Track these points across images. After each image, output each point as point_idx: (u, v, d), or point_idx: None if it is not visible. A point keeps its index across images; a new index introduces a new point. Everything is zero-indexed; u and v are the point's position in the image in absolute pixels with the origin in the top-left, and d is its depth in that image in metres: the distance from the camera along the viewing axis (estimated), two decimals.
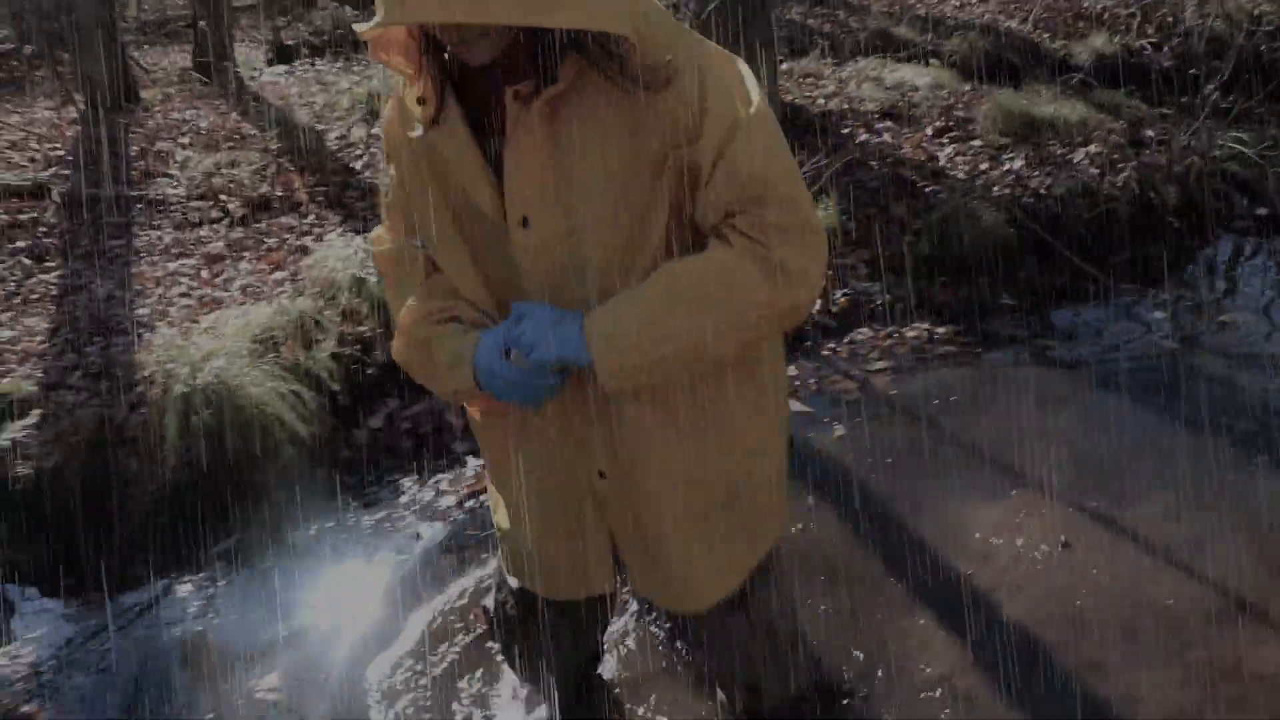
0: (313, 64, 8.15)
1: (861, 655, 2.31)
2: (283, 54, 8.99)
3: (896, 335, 3.87)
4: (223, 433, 3.11)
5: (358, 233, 4.21)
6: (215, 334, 3.35)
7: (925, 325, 3.93)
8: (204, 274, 4.20)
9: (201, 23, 7.07)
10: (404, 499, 3.13)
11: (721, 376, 1.45)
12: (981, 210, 4.30)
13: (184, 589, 2.83)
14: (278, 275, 4.05)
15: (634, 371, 1.34)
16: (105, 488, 3.07)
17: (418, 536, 2.95)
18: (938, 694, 2.20)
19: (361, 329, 3.54)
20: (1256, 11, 6.22)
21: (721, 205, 1.31)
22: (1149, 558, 2.58)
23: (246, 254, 4.34)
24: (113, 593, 2.81)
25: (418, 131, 1.38)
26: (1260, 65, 5.68)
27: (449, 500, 3.10)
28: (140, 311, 3.85)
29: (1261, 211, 4.67)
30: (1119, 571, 2.51)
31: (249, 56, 9.15)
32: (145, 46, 10.02)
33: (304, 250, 4.24)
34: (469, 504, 3.07)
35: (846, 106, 5.53)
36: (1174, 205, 4.54)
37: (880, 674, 2.26)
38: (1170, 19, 6.40)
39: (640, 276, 1.35)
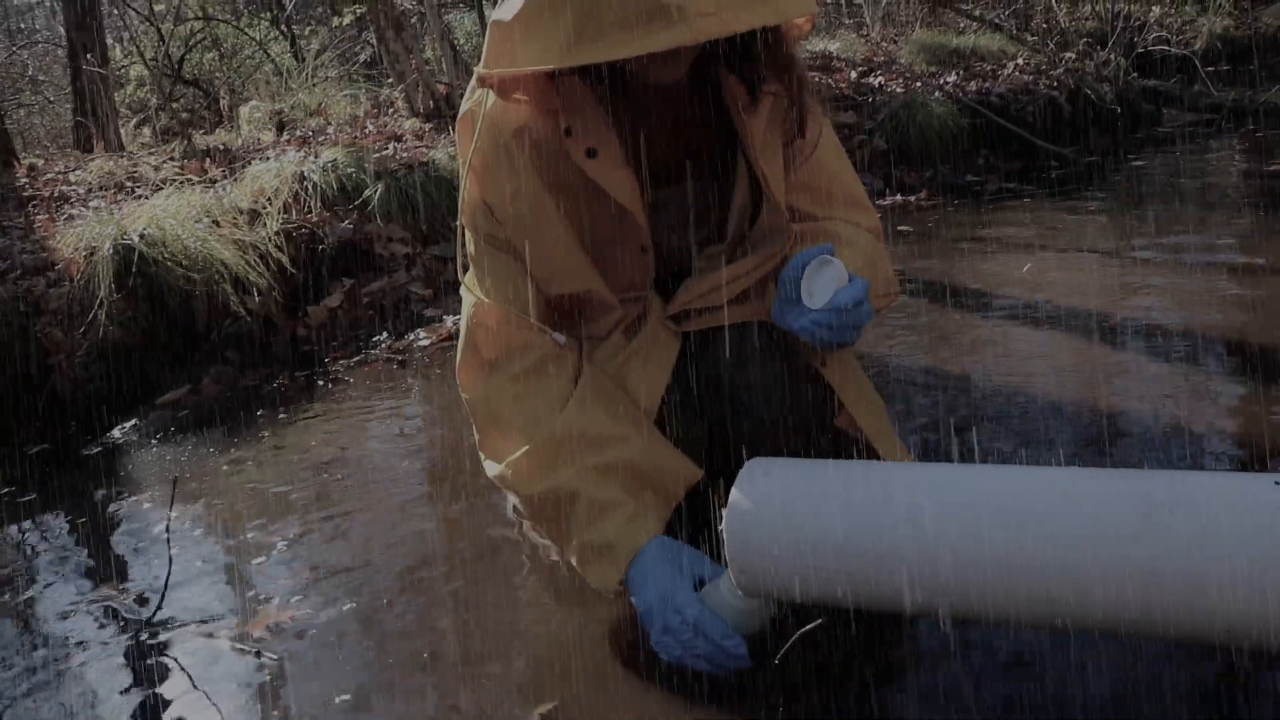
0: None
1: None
2: None
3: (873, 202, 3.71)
4: (163, 293, 2.72)
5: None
6: (142, 211, 2.97)
7: (899, 196, 3.80)
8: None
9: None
10: (376, 351, 2.76)
11: None
12: (932, 104, 4.25)
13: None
14: None
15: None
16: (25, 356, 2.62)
17: (399, 364, 2.58)
18: None
19: (308, 215, 3.20)
20: None
21: (802, 192, 1.38)
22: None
23: None
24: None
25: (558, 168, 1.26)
26: None
27: (426, 342, 2.75)
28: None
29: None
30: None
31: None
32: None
33: None
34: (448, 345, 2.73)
35: None
36: (1111, 98, 4.59)
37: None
38: None
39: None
